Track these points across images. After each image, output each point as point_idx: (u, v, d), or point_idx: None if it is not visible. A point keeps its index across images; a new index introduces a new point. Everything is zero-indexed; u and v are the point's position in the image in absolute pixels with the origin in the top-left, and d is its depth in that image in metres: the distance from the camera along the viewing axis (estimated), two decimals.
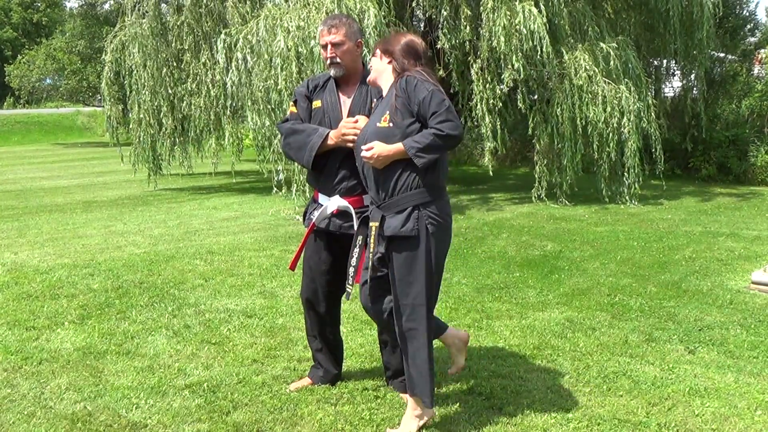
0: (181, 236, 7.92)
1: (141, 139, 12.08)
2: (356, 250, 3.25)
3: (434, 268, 3.10)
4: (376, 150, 3.01)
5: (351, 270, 3.27)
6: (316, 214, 3.48)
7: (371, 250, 3.10)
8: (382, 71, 3.22)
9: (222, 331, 4.60)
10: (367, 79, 3.33)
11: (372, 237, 3.10)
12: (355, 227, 3.35)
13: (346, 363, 3.97)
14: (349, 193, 3.42)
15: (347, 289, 3.32)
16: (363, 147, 3.06)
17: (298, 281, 5.40)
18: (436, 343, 3.42)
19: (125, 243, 7.52)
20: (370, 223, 3.15)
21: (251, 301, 5.29)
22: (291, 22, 9.08)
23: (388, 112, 3.07)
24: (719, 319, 4.82)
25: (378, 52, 3.23)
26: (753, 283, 5.57)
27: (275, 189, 10.26)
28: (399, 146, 3.00)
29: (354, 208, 3.39)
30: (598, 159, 9.97)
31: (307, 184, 8.68)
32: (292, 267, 3.65)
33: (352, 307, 5.00)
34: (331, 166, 3.43)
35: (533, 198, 10.17)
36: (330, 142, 3.36)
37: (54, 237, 7.92)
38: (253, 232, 8.15)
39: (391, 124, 3.04)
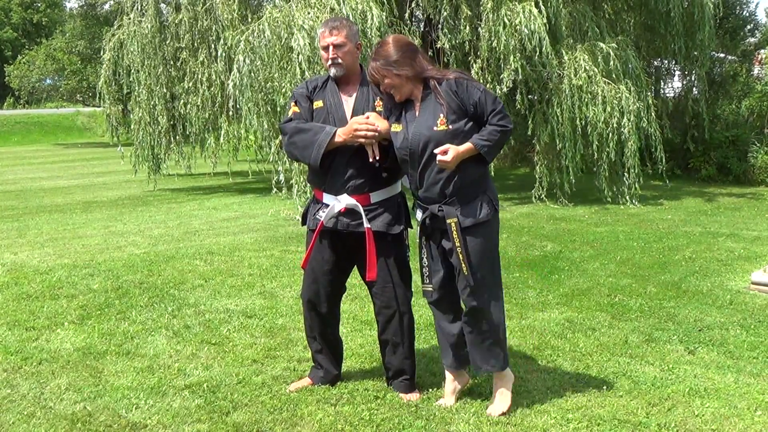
0: (181, 236, 7.92)
1: (140, 138, 12.09)
2: (424, 251, 3.41)
3: (498, 241, 3.43)
4: (452, 152, 3.14)
5: (425, 270, 3.42)
6: (322, 213, 3.46)
7: (457, 245, 3.24)
8: (402, 85, 3.25)
9: (222, 332, 4.60)
10: (397, 99, 3.29)
11: (455, 233, 3.23)
12: (365, 225, 3.37)
13: (346, 363, 3.97)
14: (356, 192, 3.42)
15: (427, 288, 3.43)
16: (436, 151, 3.16)
17: (298, 281, 5.40)
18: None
19: (125, 243, 7.52)
20: (448, 220, 3.24)
21: (251, 302, 5.29)
22: (299, 21, 9.07)
23: (442, 115, 3.20)
24: (719, 320, 4.82)
25: (386, 80, 3.23)
26: (753, 283, 5.57)
27: (275, 189, 10.26)
28: (468, 145, 3.19)
29: (362, 206, 3.40)
30: (598, 159, 9.96)
31: (307, 184, 8.66)
32: (304, 265, 3.62)
33: (352, 307, 5.00)
34: (339, 164, 3.42)
35: (533, 198, 10.17)
36: (338, 139, 3.35)
37: (54, 237, 7.92)
38: (253, 232, 8.15)
39: (450, 127, 3.19)
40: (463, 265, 3.24)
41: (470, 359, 3.46)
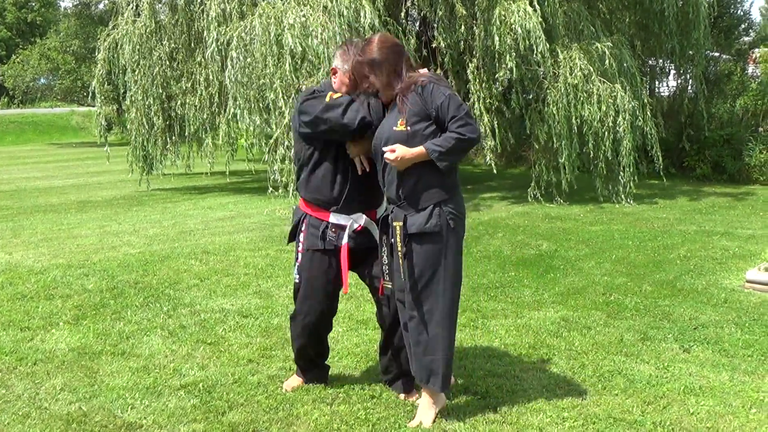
0: (176, 236, 7.90)
1: (134, 138, 12.07)
2: (384, 248, 3.32)
3: (455, 258, 3.23)
4: (399, 152, 3.09)
5: (385, 268, 3.32)
6: (332, 234, 3.40)
7: (399, 249, 3.17)
8: (384, 88, 3.22)
9: (217, 331, 4.59)
10: (384, 101, 3.27)
11: (398, 236, 3.17)
12: (378, 240, 3.37)
13: (342, 363, 3.98)
14: (367, 209, 3.44)
15: (385, 285, 3.34)
16: (385, 149, 3.12)
17: (293, 281, 5.38)
18: None
19: (120, 243, 7.51)
20: (394, 223, 3.20)
21: (247, 301, 5.29)
22: (291, 19, 9.06)
23: (402, 116, 3.14)
24: (714, 318, 4.83)
25: (369, 79, 3.19)
26: (747, 281, 5.59)
27: (270, 189, 10.25)
28: (421, 149, 3.10)
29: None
30: (593, 158, 9.99)
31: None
32: (346, 290, 3.50)
33: (348, 307, 5.00)
34: (353, 185, 3.38)
35: (529, 197, 10.19)
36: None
37: (48, 237, 7.90)
38: (249, 231, 8.14)
39: (408, 128, 3.13)
40: (402, 270, 3.19)
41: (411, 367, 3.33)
